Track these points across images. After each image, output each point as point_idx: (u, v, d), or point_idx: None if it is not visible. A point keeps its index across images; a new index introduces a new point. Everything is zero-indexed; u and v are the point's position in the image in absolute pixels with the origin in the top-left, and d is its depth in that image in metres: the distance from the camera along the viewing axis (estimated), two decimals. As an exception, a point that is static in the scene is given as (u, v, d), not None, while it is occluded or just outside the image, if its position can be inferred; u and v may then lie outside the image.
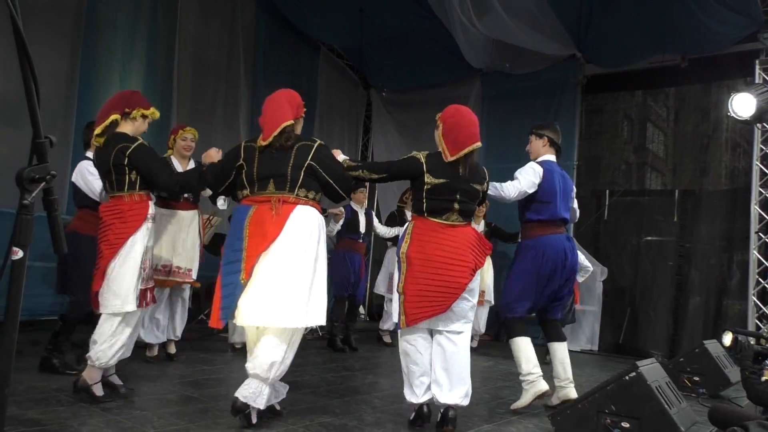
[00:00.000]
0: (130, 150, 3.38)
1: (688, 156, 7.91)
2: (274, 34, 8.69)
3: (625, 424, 3.08)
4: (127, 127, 3.48)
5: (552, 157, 4.15)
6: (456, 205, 3.30)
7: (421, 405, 3.33)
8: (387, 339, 6.97)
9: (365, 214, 6.43)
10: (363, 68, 10.01)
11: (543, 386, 3.87)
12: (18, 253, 1.21)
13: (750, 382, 3.76)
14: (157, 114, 3.64)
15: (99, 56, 6.57)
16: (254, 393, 2.99)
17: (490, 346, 7.38)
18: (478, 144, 3.34)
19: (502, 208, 5.55)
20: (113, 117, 3.42)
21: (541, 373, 3.92)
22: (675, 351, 7.05)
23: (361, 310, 9.87)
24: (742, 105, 6.34)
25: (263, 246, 3.00)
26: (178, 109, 7.36)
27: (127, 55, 6.87)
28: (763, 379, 3.75)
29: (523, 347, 3.93)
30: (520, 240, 4.21)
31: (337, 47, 9.74)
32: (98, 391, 3.30)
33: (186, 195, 4.51)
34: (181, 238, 4.66)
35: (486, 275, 6.83)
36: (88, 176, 4.01)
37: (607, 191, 8.16)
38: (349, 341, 6.30)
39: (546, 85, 8.44)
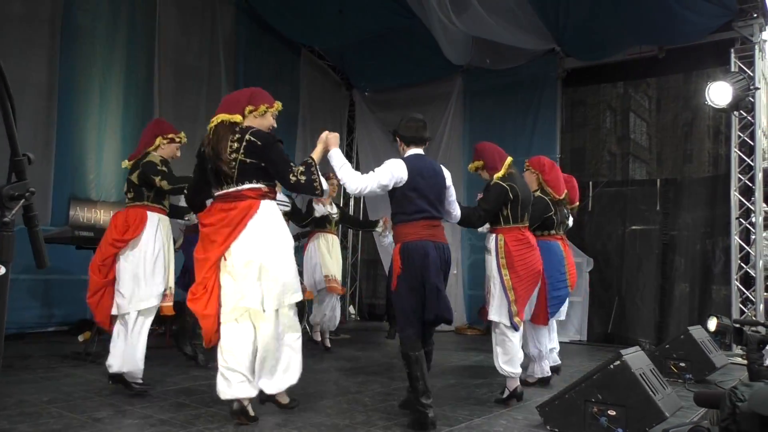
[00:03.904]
0: None
1: (670, 145, 8.00)
2: (254, 37, 8.68)
3: (612, 412, 3.14)
4: None
5: None
6: None
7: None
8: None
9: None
10: (345, 69, 10.03)
11: None
12: (0, 270, 1.23)
13: (757, 370, 3.85)
14: None
15: (77, 65, 6.53)
16: None
17: (480, 340, 7.44)
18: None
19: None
20: None
21: None
22: (663, 338, 7.13)
23: (351, 309, 9.90)
24: (719, 93, 6.45)
25: None
26: (161, 115, 7.33)
27: (107, 63, 6.84)
28: (766, 364, 3.86)
29: None
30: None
31: (318, 49, 9.74)
32: None
33: None
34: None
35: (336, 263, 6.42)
36: None
37: (591, 183, 8.24)
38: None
39: (527, 80, 8.52)
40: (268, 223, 3.16)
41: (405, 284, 3.29)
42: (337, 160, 3.37)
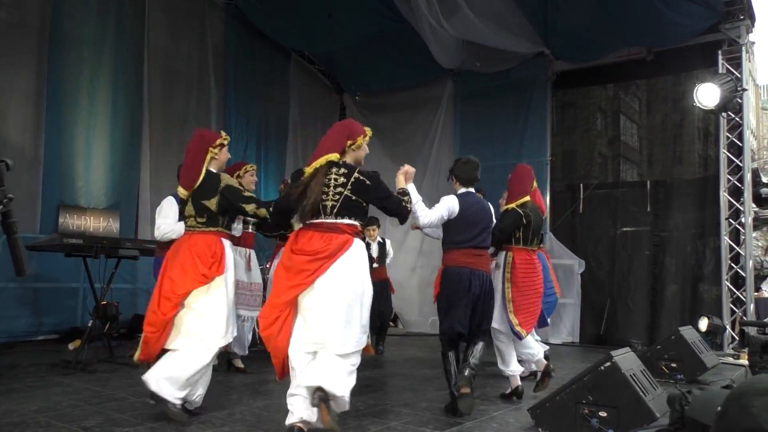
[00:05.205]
0: None
1: (660, 146, 8.04)
2: (243, 42, 8.68)
3: (603, 414, 3.13)
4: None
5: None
6: None
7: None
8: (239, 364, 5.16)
9: None
10: (335, 73, 10.04)
11: None
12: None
13: (757, 373, 3.85)
14: None
15: (66, 72, 6.51)
16: None
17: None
18: None
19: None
20: None
21: None
22: (654, 339, 7.14)
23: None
24: (707, 95, 6.49)
25: None
26: (150, 121, 7.32)
27: (95, 69, 6.81)
28: None
29: None
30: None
31: (308, 53, 9.75)
32: None
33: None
34: None
35: None
36: None
37: (582, 185, 8.26)
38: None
39: (516, 83, 8.55)
40: (356, 263, 3.02)
41: (441, 302, 3.93)
42: (414, 195, 3.76)
